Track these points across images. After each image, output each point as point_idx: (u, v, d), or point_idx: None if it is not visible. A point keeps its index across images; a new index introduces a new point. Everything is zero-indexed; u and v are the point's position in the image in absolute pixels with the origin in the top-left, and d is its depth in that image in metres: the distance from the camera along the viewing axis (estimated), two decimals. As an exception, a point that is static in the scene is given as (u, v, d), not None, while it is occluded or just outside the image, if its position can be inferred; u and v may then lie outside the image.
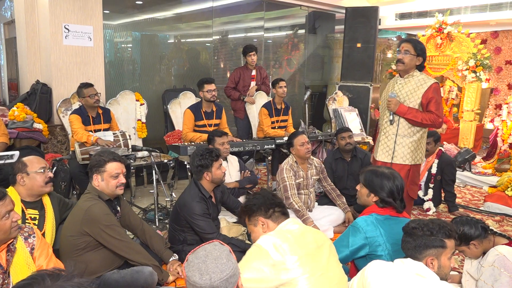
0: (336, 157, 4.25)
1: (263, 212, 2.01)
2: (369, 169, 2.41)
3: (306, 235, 1.89)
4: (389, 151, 3.22)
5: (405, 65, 3.11)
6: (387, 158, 3.23)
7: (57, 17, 4.46)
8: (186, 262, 1.34)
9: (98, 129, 4.02)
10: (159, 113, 5.73)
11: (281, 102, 5.13)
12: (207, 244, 1.41)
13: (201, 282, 1.29)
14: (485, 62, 5.89)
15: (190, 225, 2.90)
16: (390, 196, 2.26)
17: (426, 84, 3.08)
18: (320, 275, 1.77)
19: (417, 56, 3.10)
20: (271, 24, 7.42)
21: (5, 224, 1.75)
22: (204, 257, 1.34)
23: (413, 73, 3.15)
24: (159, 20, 6.11)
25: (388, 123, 3.21)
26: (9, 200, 1.80)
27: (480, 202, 4.75)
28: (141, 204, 4.19)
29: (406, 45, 3.10)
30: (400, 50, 3.14)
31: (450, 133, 6.66)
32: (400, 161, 3.18)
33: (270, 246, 1.76)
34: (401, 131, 3.17)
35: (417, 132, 3.16)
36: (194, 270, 1.31)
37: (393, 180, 2.28)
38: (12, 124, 4.13)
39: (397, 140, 3.18)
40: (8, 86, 6.88)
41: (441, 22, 6.24)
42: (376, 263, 1.81)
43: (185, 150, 4.01)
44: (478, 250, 2.30)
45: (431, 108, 3.05)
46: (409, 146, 3.16)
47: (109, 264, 2.51)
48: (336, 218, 3.75)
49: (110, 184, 2.48)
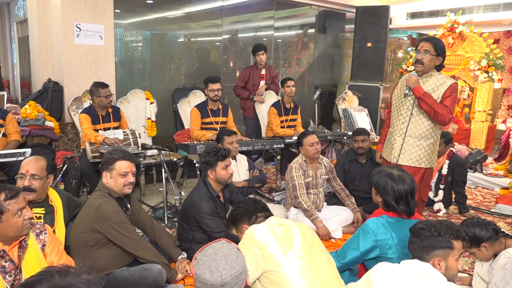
0: (350, 158, 4.20)
1: (246, 220, 2.16)
2: (379, 169, 2.36)
3: (292, 226, 1.98)
4: (404, 153, 3.10)
5: (425, 66, 2.96)
6: (402, 161, 3.11)
7: (69, 16, 4.50)
8: (194, 261, 1.35)
9: (108, 128, 4.05)
10: (168, 111, 5.76)
11: (290, 101, 5.12)
12: (214, 242, 1.41)
13: (212, 279, 1.29)
14: (497, 62, 5.83)
15: (199, 224, 2.92)
16: (394, 199, 2.20)
17: (446, 84, 2.95)
18: (304, 260, 1.84)
19: (437, 56, 2.97)
20: (281, 23, 7.41)
21: (17, 222, 1.77)
22: (213, 254, 1.34)
23: (431, 73, 3.02)
24: (169, 19, 6.14)
25: (404, 119, 3.07)
26: (21, 198, 1.81)
27: (492, 204, 4.70)
28: (150, 202, 4.22)
29: (426, 44, 2.96)
30: (419, 49, 2.99)
31: (461, 133, 6.59)
32: (416, 164, 3.08)
33: (258, 234, 1.88)
34: (418, 133, 3.05)
35: (434, 134, 3.05)
36: (204, 268, 1.31)
37: (399, 183, 2.20)
38: (24, 122, 4.19)
39: (414, 142, 3.07)
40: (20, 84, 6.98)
41: (453, 21, 6.18)
42: (381, 265, 1.78)
43: (194, 148, 4.02)
44: (489, 252, 2.28)
45: (445, 103, 2.92)
46: (426, 149, 3.05)
47: (119, 261, 2.53)
48: (345, 218, 3.73)
49: (118, 182, 2.49)
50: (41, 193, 2.43)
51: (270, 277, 1.79)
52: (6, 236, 1.77)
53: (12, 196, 1.76)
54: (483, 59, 5.85)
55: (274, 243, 1.84)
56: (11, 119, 3.80)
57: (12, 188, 1.80)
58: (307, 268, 1.83)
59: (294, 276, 1.78)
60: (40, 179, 2.38)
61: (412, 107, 3.06)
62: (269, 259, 1.81)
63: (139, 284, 2.44)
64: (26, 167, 2.39)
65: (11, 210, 1.74)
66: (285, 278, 1.77)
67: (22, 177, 2.37)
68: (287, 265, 1.79)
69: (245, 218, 2.17)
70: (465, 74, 6.21)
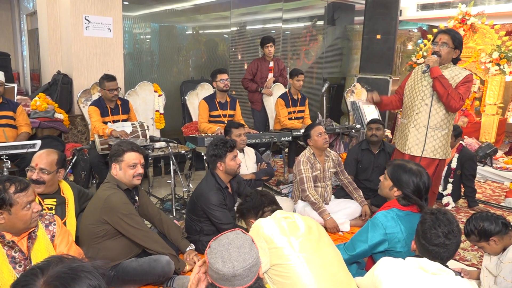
0: (363, 147, 4.21)
1: (253, 215, 2.17)
2: (397, 163, 2.35)
3: (297, 220, 1.99)
4: (419, 144, 3.09)
5: (442, 58, 2.95)
6: (416, 152, 3.10)
7: (78, 8, 4.52)
8: (208, 249, 1.35)
9: (117, 120, 4.08)
10: (177, 104, 5.77)
11: (297, 93, 5.10)
12: (230, 232, 1.42)
13: (224, 270, 1.30)
14: (509, 55, 5.73)
15: (207, 215, 2.93)
16: (415, 193, 2.21)
17: (462, 75, 2.94)
18: (311, 253, 1.85)
19: (455, 49, 2.95)
20: (289, 15, 7.36)
21: (26, 215, 1.78)
22: (227, 245, 1.35)
23: (447, 65, 3.00)
24: (177, 12, 6.13)
25: (420, 107, 3.06)
26: (31, 191, 1.82)
27: (501, 198, 4.66)
28: (158, 194, 4.25)
29: (444, 36, 2.93)
30: (437, 41, 2.96)
31: (472, 127, 6.52)
32: (431, 155, 3.06)
33: (265, 228, 1.89)
34: (433, 123, 3.03)
35: (449, 124, 3.05)
36: (217, 258, 1.32)
37: (419, 177, 2.22)
38: (34, 114, 4.22)
39: (428, 133, 3.05)
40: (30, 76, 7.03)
41: (464, 13, 6.09)
42: (385, 261, 1.78)
43: (202, 141, 4.04)
44: (498, 246, 2.26)
45: (459, 91, 2.91)
46: (441, 140, 3.04)
47: (128, 252, 2.55)
48: (353, 211, 3.72)
49: (128, 173, 2.51)
50: (51, 186, 2.45)
51: (278, 269, 1.81)
52: (15, 228, 1.80)
53: (22, 189, 1.78)
54: (494, 51, 5.76)
55: (280, 237, 1.84)
56: (22, 111, 3.84)
57: (22, 181, 1.81)
58: (314, 260, 1.83)
59: (302, 269, 1.79)
60: (49, 173, 2.40)
61: (426, 98, 3.05)
62: (276, 252, 1.81)
63: (148, 275, 2.47)
64: (36, 160, 2.41)
65: (20, 203, 1.76)
66: (292, 270, 1.78)
67: (31, 170, 2.40)
68: (295, 257, 1.80)
69: (251, 213, 2.19)
70: (476, 67, 6.12)
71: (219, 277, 1.31)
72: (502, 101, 6.23)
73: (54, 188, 2.49)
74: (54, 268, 0.99)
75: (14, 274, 1.77)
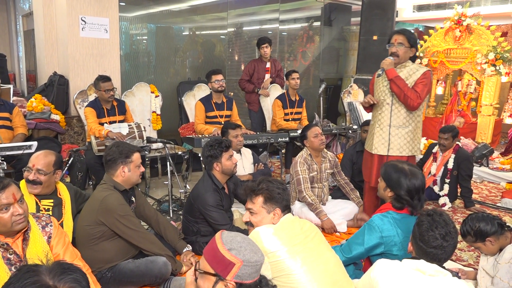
0: (358, 149, 4.21)
1: (282, 206, 1.98)
2: (390, 163, 2.36)
3: (294, 226, 1.92)
4: (384, 143, 3.16)
5: (400, 57, 3.05)
6: (383, 151, 3.17)
7: (74, 9, 4.50)
8: (234, 251, 1.35)
9: (113, 121, 4.06)
10: (173, 105, 5.76)
11: (295, 94, 5.11)
12: (227, 232, 1.44)
13: (260, 259, 1.38)
14: (505, 56, 5.76)
15: (204, 216, 2.93)
16: (407, 194, 2.20)
17: (419, 72, 3.03)
18: (313, 261, 1.82)
19: (411, 48, 3.05)
20: (286, 16, 7.37)
21: (2, 218, 1.71)
22: (244, 239, 1.41)
23: (406, 63, 3.10)
24: (174, 12, 6.12)
25: (382, 109, 3.15)
26: (9, 193, 1.73)
27: (497, 198, 4.67)
28: (155, 195, 4.24)
29: (399, 37, 3.04)
30: (393, 42, 3.06)
31: (468, 127, 6.55)
32: (397, 152, 3.13)
33: (265, 242, 1.81)
34: (395, 122, 3.11)
35: (412, 122, 3.11)
36: (249, 252, 1.36)
37: (411, 178, 2.20)
38: (30, 115, 4.21)
39: (392, 131, 3.12)
40: (26, 77, 7.01)
41: (460, 14, 6.11)
42: (381, 263, 1.77)
43: (199, 142, 4.03)
44: (494, 247, 2.27)
45: (416, 89, 3.00)
46: (405, 137, 3.11)
47: (124, 253, 2.54)
48: (350, 212, 3.73)
49: (136, 173, 2.56)
50: (48, 187, 2.45)
51: (282, 280, 1.77)
52: None
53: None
54: (490, 52, 5.78)
55: (281, 247, 1.80)
56: (18, 113, 3.82)
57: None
58: (317, 268, 1.81)
59: (305, 278, 1.77)
60: (46, 174, 2.39)
61: (387, 97, 3.13)
62: (277, 264, 1.78)
63: (145, 276, 2.46)
64: (33, 161, 2.41)
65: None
66: (296, 281, 1.76)
67: (28, 170, 2.40)
68: (297, 268, 1.77)
69: (282, 204, 1.98)
70: (472, 68, 6.15)
71: (254, 269, 1.36)
72: (498, 101, 6.25)
73: (51, 189, 2.49)
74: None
75: (11, 275, 1.75)
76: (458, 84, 7.20)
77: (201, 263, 1.41)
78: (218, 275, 1.35)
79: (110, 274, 2.46)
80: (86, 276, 1.16)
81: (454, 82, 7.48)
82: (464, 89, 7.11)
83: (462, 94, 7.10)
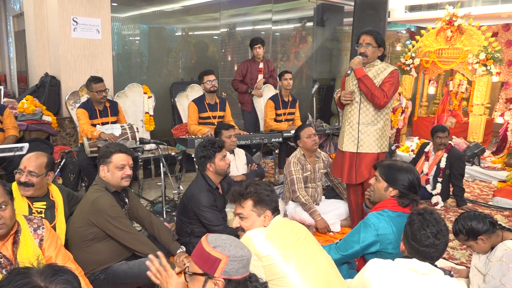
0: None
1: (272, 208, 1.98)
2: (386, 164, 2.37)
3: (285, 229, 1.92)
4: (354, 141, 3.19)
5: (368, 57, 3.10)
6: (353, 148, 3.20)
7: (66, 10, 4.47)
8: (220, 247, 1.38)
9: (106, 122, 4.04)
10: (166, 106, 5.74)
11: (288, 95, 5.11)
12: (212, 234, 1.47)
13: (246, 254, 1.40)
14: (496, 55, 5.81)
15: (198, 217, 2.92)
16: (410, 188, 2.23)
17: (386, 71, 3.07)
18: (306, 263, 1.82)
19: (379, 47, 3.10)
20: (279, 17, 7.38)
21: None
22: (228, 238, 1.43)
23: (374, 63, 3.14)
24: (166, 13, 6.10)
25: (352, 111, 3.19)
26: None
27: (489, 197, 4.71)
28: (148, 197, 4.22)
29: (367, 37, 3.08)
30: (361, 43, 3.10)
31: (460, 127, 6.60)
32: (366, 150, 3.16)
33: (257, 245, 1.81)
34: (364, 120, 3.15)
35: (380, 119, 3.14)
36: (234, 247, 1.39)
37: (412, 173, 2.26)
38: (22, 117, 4.17)
39: (361, 129, 3.16)
40: (17, 78, 6.94)
41: (451, 14, 6.15)
42: (374, 262, 1.77)
43: (192, 143, 4.02)
44: (486, 245, 2.29)
45: (383, 87, 3.05)
46: (374, 134, 3.15)
47: (117, 255, 2.53)
48: (343, 211, 3.74)
49: (116, 175, 2.49)
50: (40, 189, 2.43)
51: (275, 283, 1.77)
52: None
53: None
54: (481, 52, 5.83)
55: (273, 250, 1.80)
56: (9, 114, 3.79)
57: None
58: (310, 270, 1.81)
59: (299, 281, 1.77)
60: (38, 176, 2.37)
61: (356, 96, 3.17)
62: (271, 268, 1.78)
63: (138, 278, 2.45)
64: (25, 163, 2.39)
65: None
66: (290, 284, 1.76)
67: (20, 172, 2.37)
68: (290, 270, 1.77)
69: (271, 206, 1.97)
70: (463, 68, 6.19)
71: (242, 264, 1.37)
72: (489, 101, 6.30)
73: (43, 191, 2.47)
74: None
75: (1, 278, 1.74)
76: (449, 84, 7.26)
77: (190, 266, 1.42)
78: (207, 273, 1.36)
79: (103, 276, 2.44)
80: (78, 278, 1.16)
81: (445, 82, 7.54)
82: (456, 89, 7.17)
83: (453, 93, 7.15)
